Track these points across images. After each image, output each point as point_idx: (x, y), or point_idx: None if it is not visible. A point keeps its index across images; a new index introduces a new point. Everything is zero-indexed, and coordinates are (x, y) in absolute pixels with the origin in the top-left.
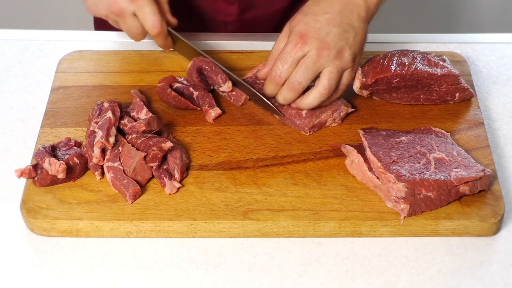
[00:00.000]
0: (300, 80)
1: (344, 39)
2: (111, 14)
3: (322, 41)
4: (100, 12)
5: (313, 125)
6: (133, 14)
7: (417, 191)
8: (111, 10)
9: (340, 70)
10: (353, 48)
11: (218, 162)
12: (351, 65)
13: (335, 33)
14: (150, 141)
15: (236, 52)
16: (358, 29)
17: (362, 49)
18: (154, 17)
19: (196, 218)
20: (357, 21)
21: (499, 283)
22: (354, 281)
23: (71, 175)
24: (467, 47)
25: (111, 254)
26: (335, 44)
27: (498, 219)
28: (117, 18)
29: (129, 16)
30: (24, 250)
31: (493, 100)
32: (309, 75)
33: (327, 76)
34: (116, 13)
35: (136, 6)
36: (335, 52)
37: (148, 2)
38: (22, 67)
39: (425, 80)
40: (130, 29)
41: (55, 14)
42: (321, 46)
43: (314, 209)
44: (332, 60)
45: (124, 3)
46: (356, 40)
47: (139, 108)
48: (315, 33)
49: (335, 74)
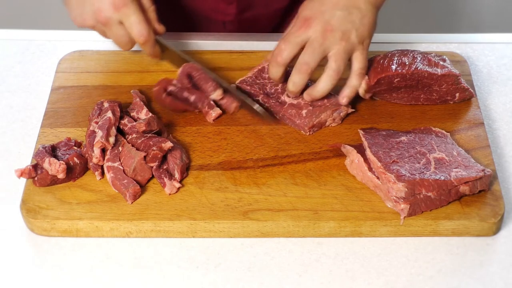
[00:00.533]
0: (308, 61)
1: (350, 21)
2: (98, 24)
3: (327, 23)
4: (87, 22)
5: (313, 124)
6: (119, 23)
7: (417, 191)
8: (97, 20)
9: (347, 51)
10: (360, 30)
11: (218, 162)
12: (359, 47)
13: (340, 15)
14: (150, 141)
15: (236, 52)
16: (366, 11)
17: (370, 32)
18: (141, 26)
19: (196, 218)
20: (364, 4)
21: (499, 283)
22: (354, 281)
23: (71, 175)
24: (467, 47)
25: (111, 254)
26: (340, 26)
27: (498, 219)
28: (103, 27)
29: (116, 25)
30: (24, 250)
31: (493, 100)
32: (316, 56)
33: (334, 58)
34: (103, 23)
35: (122, 15)
36: (340, 33)
37: (134, 10)
38: (22, 67)
39: (425, 80)
40: (118, 38)
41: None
42: (326, 28)
43: (314, 209)
44: (338, 42)
45: (110, 12)
46: (363, 22)
47: (139, 108)
48: (319, 16)
49: (342, 55)
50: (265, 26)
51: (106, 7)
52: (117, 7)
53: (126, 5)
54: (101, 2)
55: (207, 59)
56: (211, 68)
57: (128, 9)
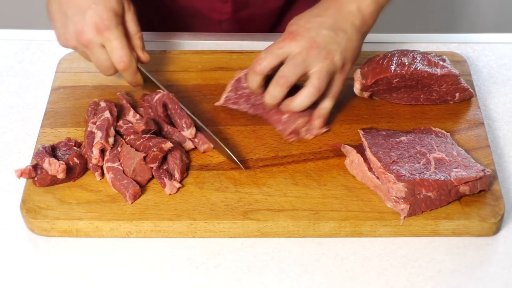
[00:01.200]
0: (288, 75)
1: (336, 42)
2: (80, 46)
3: (312, 40)
4: (69, 43)
5: (291, 131)
6: (101, 46)
7: (417, 191)
8: (79, 41)
9: (329, 71)
10: (344, 53)
11: (218, 162)
12: (339, 70)
13: (326, 34)
14: (150, 142)
15: (236, 52)
16: (351, 35)
17: (353, 57)
18: (122, 51)
19: (196, 218)
20: (350, 28)
21: (499, 283)
22: (354, 281)
23: (71, 175)
24: (467, 47)
25: (111, 254)
26: (325, 45)
27: (498, 219)
28: (85, 50)
29: (97, 48)
30: (24, 250)
31: (493, 100)
32: (297, 71)
33: (317, 75)
34: (84, 45)
35: (104, 39)
36: (325, 52)
37: (117, 35)
38: (22, 67)
39: (425, 80)
40: (99, 62)
41: None
42: (311, 45)
43: (314, 209)
44: (321, 60)
45: (92, 34)
46: (348, 46)
47: (126, 110)
48: (305, 32)
49: (324, 73)
50: (261, 25)
51: (89, 29)
52: (99, 30)
53: (109, 29)
54: (84, 23)
55: (207, 59)
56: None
57: (111, 33)
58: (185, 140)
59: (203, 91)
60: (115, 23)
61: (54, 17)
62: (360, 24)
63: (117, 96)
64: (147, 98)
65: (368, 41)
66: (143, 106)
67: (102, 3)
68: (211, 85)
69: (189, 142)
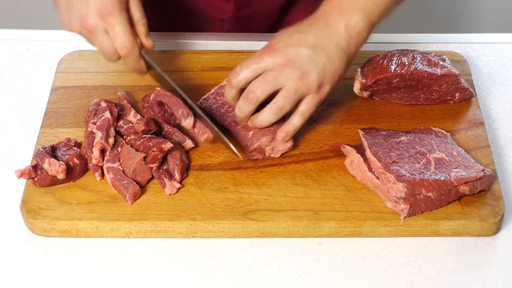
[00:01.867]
0: (256, 91)
1: (313, 62)
2: (84, 31)
3: (288, 57)
4: (73, 28)
5: (254, 148)
6: (105, 32)
7: (417, 191)
8: (83, 27)
9: (300, 92)
10: (322, 74)
11: (218, 162)
12: (314, 91)
13: (305, 53)
14: (150, 142)
15: (236, 52)
16: (333, 56)
17: (333, 79)
18: (125, 37)
19: (196, 219)
20: (334, 48)
21: (499, 283)
22: (354, 281)
23: (71, 176)
24: (467, 47)
25: (111, 254)
26: (301, 65)
27: (498, 219)
28: (89, 35)
29: (101, 33)
30: (24, 250)
31: (493, 100)
32: (266, 88)
33: (283, 94)
34: (88, 30)
35: (107, 24)
36: (299, 72)
37: (120, 21)
38: (22, 67)
39: (425, 80)
40: (103, 47)
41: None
42: (285, 63)
43: (314, 209)
44: (293, 80)
45: (95, 19)
46: (327, 67)
47: (127, 110)
48: (283, 48)
49: (292, 94)
50: (262, 24)
51: (92, 14)
52: (102, 16)
53: (112, 14)
54: (88, 9)
55: (207, 59)
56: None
57: (114, 18)
58: (185, 140)
59: (203, 91)
60: (119, 8)
61: (59, 2)
62: (346, 44)
63: (118, 96)
64: (146, 98)
65: (368, 41)
66: (144, 107)
67: None
68: (211, 85)
69: (189, 141)
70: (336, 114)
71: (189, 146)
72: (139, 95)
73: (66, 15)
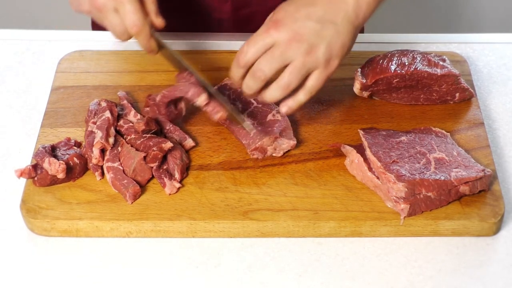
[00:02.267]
0: (264, 69)
1: (321, 36)
2: (94, 10)
3: (295, 32)
4: (82, 7)
5: (255, 147)
6: (115, 11)
7: (417, 191)
8: (93, 5)
9: (308, 67)
10: (329, 48)
11: (218, 162)
12: (322, 65)
13: (312, 27)
14: (150, 141)
15: (236, 52)
16: (342, 28)
17: (342, 52)
18: (135, 15)
19: (196, 218)
20: (342, 20)
21: (499, 283)
22: (354, 281)
23: (71, 175)
24: (467, 47)
25: (111, 254)
26: (309, 39)
27: (498, 219)
28: (99, 14)
29: (111, 12)
30: (24, 250)
31: (493, 100)
32: (274, 65)
33: (290, 70)
34: (98, 9)
35: (117, 2)
36: (307, 46)
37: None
38: (22, 67)
39: (425, 80)
40: (113, 26)
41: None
42: (293, 37)
43: (314, 209)
44: (301, 54)
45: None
46: (335, 40)
47: (127, 110)
48: (290, 22)
49: (299, 69)
50: (261, 24)
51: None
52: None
53: None
54: None
55: (207, 59)
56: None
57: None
58: (186, 139)
59: None
60: None
61: None
62: (354, 16)
63: (118, 96)
64: (152, 97)
65: (368, 41)
66: (149, 105)
67: None
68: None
69: (189, 140)
70: (336, 114)
71: (189, 145)
72: (139, 95)
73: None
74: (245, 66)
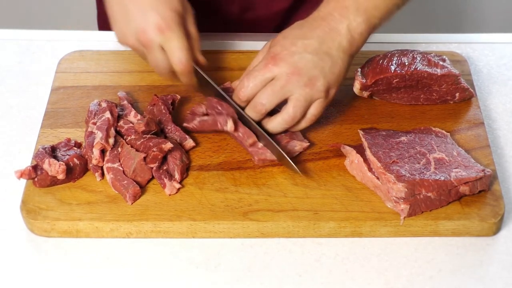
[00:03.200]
0: (264, 102)
1: (319, 68)
2: (139, 45)
3: (294, 65)
4: (128, 41)
5: (259, 158)
6: (161, 47)
7: (417, 191)
8: (139, 40)
9: (309, 99)
10: (327, 78)
11: (218, 162)
12: (322, 95)
13: (310, 59)
14: (150, 142)
15: (236, 52)
16: (337, 59)
17: (338, 81)
18: (182, 53)
19: (196, 219)
20: (337, 50)
21: (499, 283)
22: (354, 281)
23: (71, 176)
24: (467, 47)
25: (111, 255)
26: (307, 71)
27: (498, 219)
28: (144, 49)
29: (157, 48)
30: (24, 250)
31: (493, 100)
32: (275, 99)
33: (293, 104)
34: (144, 44)
35: (164, 39)
36: (306, 79)
37: (178, 36)
38: (22, 67)
39: (425, 80)
40: (157, 62)
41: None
42: (292, 71)
43: (314, 210)
44: (301, 87)
45: (153, 34)
46: (332, 71)
47: (127, 110)
48: (288, 57)
49: (302, 102)
50: (266, 28)
51: (151, 28)
52: (161, 30)
53: (171, 29)
54: (146, 22)
55: (207, 59)
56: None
57: (173, 33)
58: (186, 139)
59: None
60: (177, 23)
61: (115, 14)
62: (348, 45)
63: (118, 96)
64: (162, 96)
65: (368, 41)
66: (156, 102)
67: (165, 3)
68: None
69: (190, 140)
70: (336, 114)
71: (190, 145)
72: (139, 95)
73: (121, 27)
74: (246, 100)
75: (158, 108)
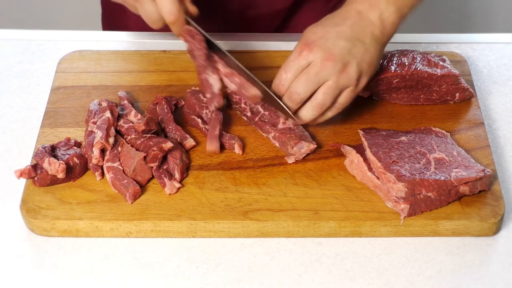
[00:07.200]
0: (299, 91)
1: (352, 54)
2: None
3: (328, 51)
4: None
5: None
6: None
7: (417, 191)
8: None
9: (341, 86)
10: (360, 65)
11: (218, 162)
12: (353, 83)
13: (343, 46)
14: (150, 141)
15: (237, 52)
16: (369, 47)
17: (371, 70)
18: (171, 4)
19: (196, 218)
20: (370, 39)
21: (499, 283)
22: (354, 281)
23: (71, 175)
24: (467, 47)
25: (111, 254)
26: (342, 57)
27: (498, 219)
28: (135, 3)
29: (147, 1)
30: (24, 250)
31: (493, 100)
32: (309, 87)
33: (324, 90)
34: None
35: None
36: (341, 65)
37: None
38: (22, 67)
39: (425, 80)
40: (148, 15)
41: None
42: (326, 57)
43: (314, 209)
44: (335, 74)
45: None
46: (365, 58)
47: (127, 110)
48: (321, 43)
49: (333, 89)
50: (267, 26)
51: None
52: None
53: None
54: None
55: None
56: None
57: None
58: (187, 138)
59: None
60: None
61: None
62: (381, 35)
63: (118, 95)
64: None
65: None
66: (159, 101)
67: None
68: None
69: (190, 139)
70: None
71: (190, 145)
72: (139, 95)
73: None
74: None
75: (160, 107)
